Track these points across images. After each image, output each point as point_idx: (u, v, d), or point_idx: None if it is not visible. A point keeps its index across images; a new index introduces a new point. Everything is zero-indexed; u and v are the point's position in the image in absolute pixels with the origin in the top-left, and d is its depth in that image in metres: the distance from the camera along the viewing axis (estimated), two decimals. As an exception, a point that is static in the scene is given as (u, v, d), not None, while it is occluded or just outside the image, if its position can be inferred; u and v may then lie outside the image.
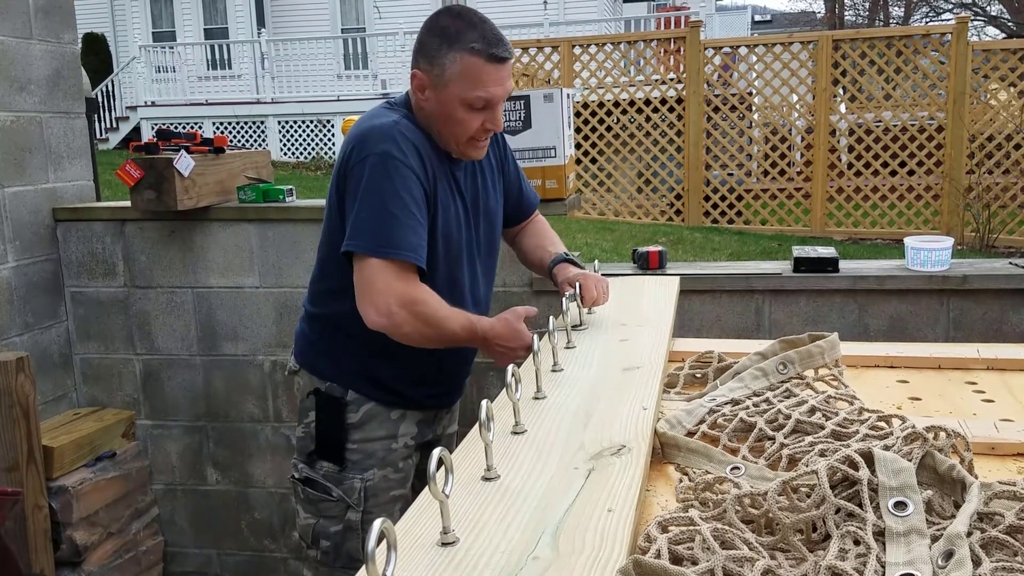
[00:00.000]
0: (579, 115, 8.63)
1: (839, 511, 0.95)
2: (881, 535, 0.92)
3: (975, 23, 21.96)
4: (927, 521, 0.93)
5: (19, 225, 3.27)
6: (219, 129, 14.44)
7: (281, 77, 15.05)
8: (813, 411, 1.28)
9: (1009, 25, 21.98)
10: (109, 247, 3.40)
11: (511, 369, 1.19)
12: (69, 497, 3.10)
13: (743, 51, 8.56)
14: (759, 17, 30.53)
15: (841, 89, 8.34)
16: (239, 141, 14.47)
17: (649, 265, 3.03)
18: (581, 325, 1.82)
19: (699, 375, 1.60)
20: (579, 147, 8.70)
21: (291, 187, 3.32)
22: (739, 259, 6.48)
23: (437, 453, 0.90)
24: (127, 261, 3.39)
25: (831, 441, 1.17)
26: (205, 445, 3.52)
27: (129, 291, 3.42)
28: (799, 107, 8.42)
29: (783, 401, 1.33)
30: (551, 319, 1.55)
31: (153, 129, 7.75)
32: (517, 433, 1.21)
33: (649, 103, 8.58)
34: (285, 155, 14.41)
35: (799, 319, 2.94)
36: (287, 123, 14.54)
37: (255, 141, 14.58)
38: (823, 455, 1.11)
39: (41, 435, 3.02)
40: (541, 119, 2.80)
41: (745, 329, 2.97)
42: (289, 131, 14.54)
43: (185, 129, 9.87)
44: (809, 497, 0.96)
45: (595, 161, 8.91)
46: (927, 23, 22.53)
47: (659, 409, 1.36)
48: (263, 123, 14.58)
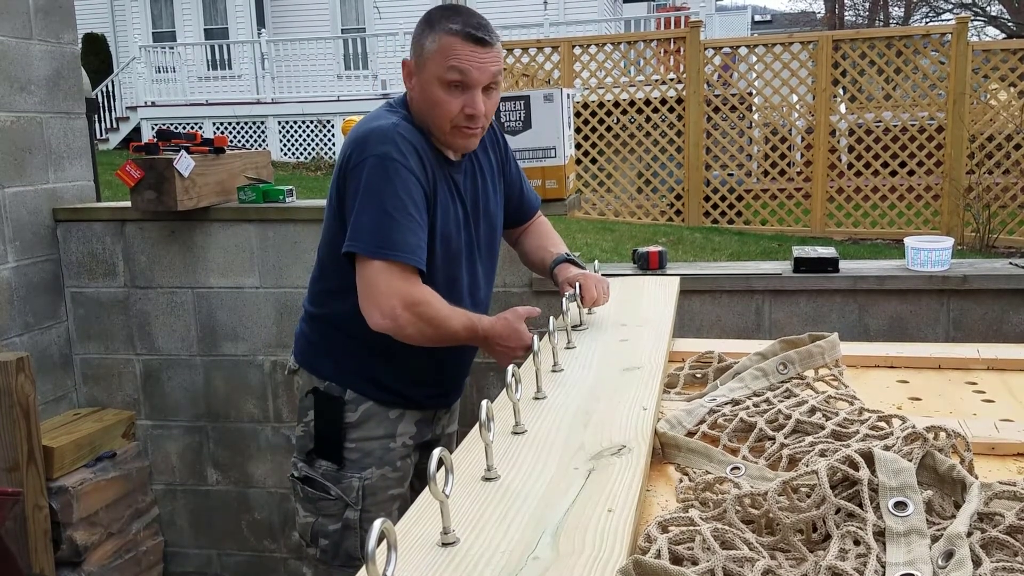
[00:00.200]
0: (579, 115, 8.63)
1: (839, 511, 0.95)
2: (881, 535, 0.92)
3: (975, 23, 21.97)
4: (927, 521, 0.93)
5: (19, 225, 3.27)
6: (219, 129, 14.45)
7: (281, 77, 15.06)
8: (813, 411, 1.28)
9: (1009, 25, 21.98)
10: (109, 247, 3.40)
11: (511, 369, 1.19)
12: (69, 497, 3.10)
13: (743, 51, 8.56)
14: (759, 17, 30.54)
15: (841, 89, 8.34)
16: (239, 141, 14.48)
17: (649, 265, 3.03)
18: (581, 325, 1.82)
19: (699, 375, 1.60)
20: (579, 147, 8.70)
21: (291, 187, 3.32)
22: (739, 259, 6.48)
23: (437, 453, 0.90)
24: (127, 261, 3.39)
25: (831, 441, 1.17)
26: (205, 445, 3.52)
27: (129, 291, 3.42)
28: (799, 107, 8.42)
29: (783, 401, 1.33)
30: (551, 319, 1.55)
31: (153, 129, 7.74)
32: (517, 433, 1.21)
33: (649, 103, 8.58)
34: (285, 155, 14.41)
35: (799, 319, 2.94)
36: (287, 123, 14.55)
37: (255, 141, 14.59)
38: (823, 455, 1.11)
39: (41, 435, 3.03)
40: (541, 119, 2.80)
41: (745, 329, 2.97)
42: (289, 131, 14.54)
43: (185, 129, 9.88)
44: (809, 497, 0.96)
45: (595, 161, 8.91)
46: (927, 23, 22.54)
47: (659, 409, 1.36)
48: (263, 123, 14.58)
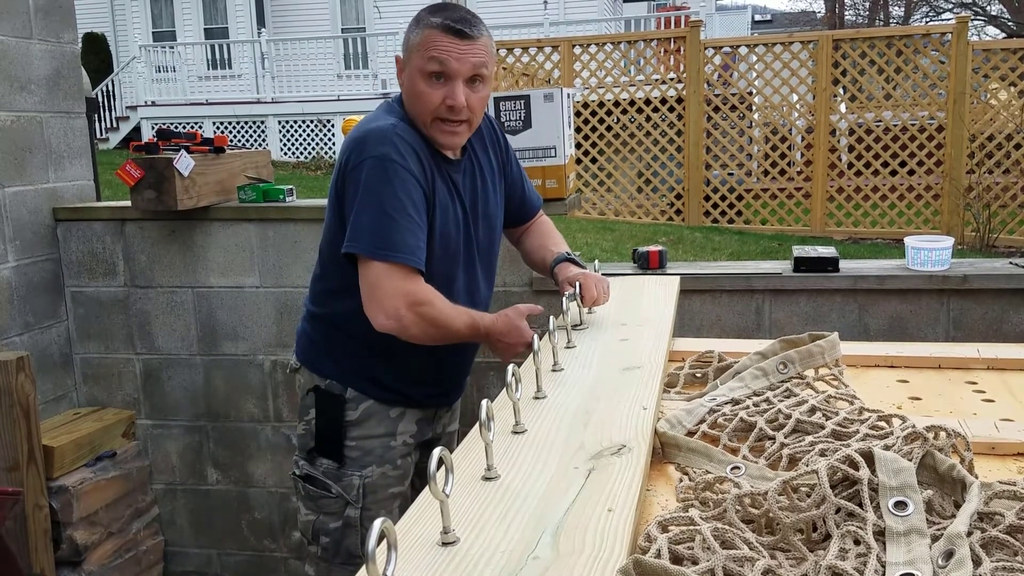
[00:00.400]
0: (579, 115, 8.63)
1: (839, 511, 0.95)
2: (881, 535, 0.92)
3: (975, 23, 21.97)
4: (927, 521, 0.93)
5: (19, 225, 3.27)
6: (219, 129, 14.45)
7: (281, 77, 15.05)
8: (813, 411, 1.28)
9: (1009, 25, 21.98)
10: (109, 247, 3.40)
11: (511, 369, 1.19)
12: (69, 497, 3.10)
13: (743, 51, 8.56)
14: (759, 17, 30.54)
15: (841, 89, 8.34)
16: (239, 141, 14.47)
17: (649, 265, 3.03)
18: (581, 325, 1.82)
19: (699, 375, 1.60)
20: (579, 147, 8.69)
21: (291, 187, 3.32)
22: (739, 259, 6.48)
23: (437, 453, 0.90)
24: (127, 261, 3.39)
25: (831, 441, 1.17)
26: (205, 445, 3.52)
27: (129, 291, 3.42)
28: (799, 107, 8.42)
29: (783, 401, 1.33)
30: (551, 319, 1.55)
31: (153, 129, 7.75)
32: (517, 433, 1.21)
33: (649, 103, 8.58)
34: (285, 155, 14.41)
35: (799, 319, 2.94)
36: (287, 123, 14.54)
37: (255, 141, 14.58)
38: (823, 455, 1.10)
39: (41, 435, 3.03)
40: (541, 119, 2.80)
41: (745, 329, 2.97)
42: (289, 131, 14.54)
43: (185, 129, 9.86)
44: (809, 497, 0.96)
45: (595, 161, 8.90)
46: (927, 23, 22.53)
47: (659, 409, 1.36)
48: (263, 123, 14.58)
